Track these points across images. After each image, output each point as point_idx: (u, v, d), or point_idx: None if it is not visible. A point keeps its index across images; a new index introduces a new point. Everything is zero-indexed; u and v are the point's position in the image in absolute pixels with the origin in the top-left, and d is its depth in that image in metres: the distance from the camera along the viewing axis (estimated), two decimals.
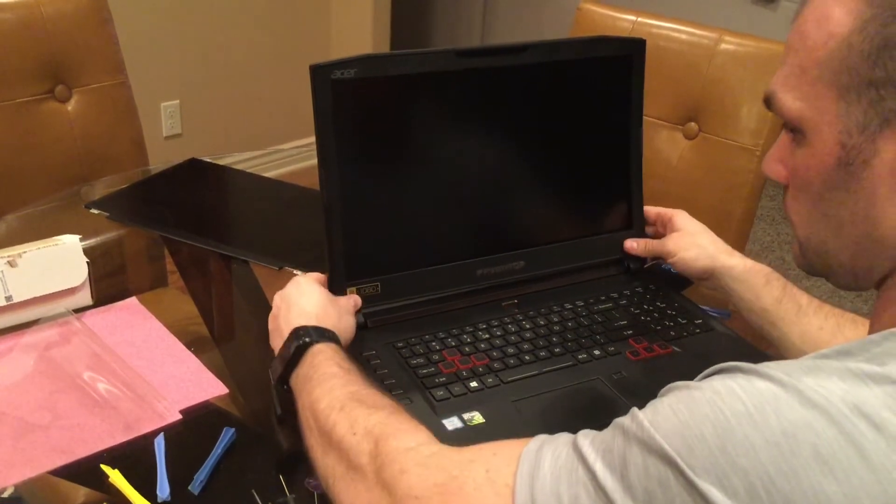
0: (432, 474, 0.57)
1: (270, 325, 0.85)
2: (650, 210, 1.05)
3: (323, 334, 0.79)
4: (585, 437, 0.52)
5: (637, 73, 1.03)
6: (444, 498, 0.55)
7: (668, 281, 1.09)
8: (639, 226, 1.08)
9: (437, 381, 0.85)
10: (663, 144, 1.47)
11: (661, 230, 1.05)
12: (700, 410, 0.47)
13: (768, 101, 0.58)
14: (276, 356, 0.80)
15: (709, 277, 0.97)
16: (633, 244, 1.05)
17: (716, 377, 0.49)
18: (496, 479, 0.54)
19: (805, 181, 0.58)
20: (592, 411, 0.85)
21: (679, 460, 0.46)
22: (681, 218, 1.01)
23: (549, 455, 0.53)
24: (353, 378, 0.72)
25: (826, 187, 0.56)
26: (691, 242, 0.97)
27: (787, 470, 0.43)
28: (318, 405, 0.69)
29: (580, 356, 0.91)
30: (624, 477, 0.48)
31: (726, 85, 1.43)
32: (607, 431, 0.51)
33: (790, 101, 0.56)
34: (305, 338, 0.78)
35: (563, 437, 0.54)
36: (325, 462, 0.66)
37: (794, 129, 0.57)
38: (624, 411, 0.84)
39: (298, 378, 0.76)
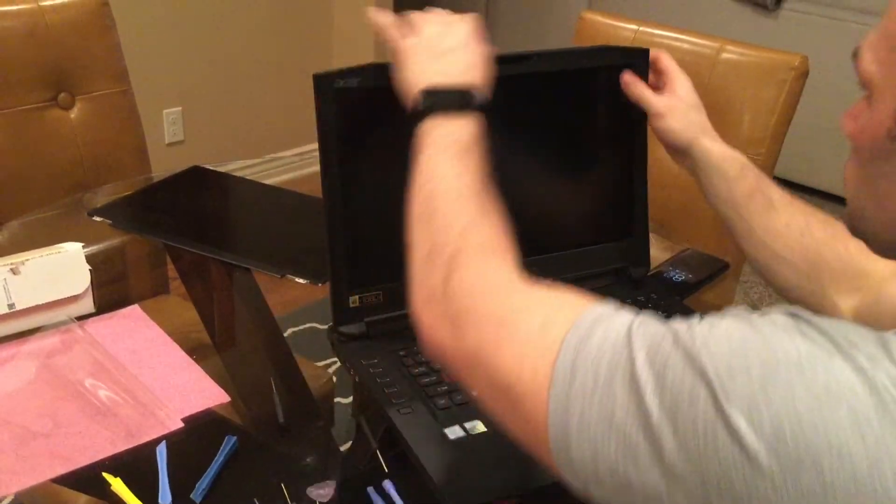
0: (496, 304, 0.59)
1: (427, 43, 0.79)
2: (662, 59, 0.99)
3: (476, 103, 0.76)
4: (640, 326, 0.52)
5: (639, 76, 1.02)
6: (498, 331, 0.57)
7: (670, 290, 1.09)
8: (640, 234, 1.08)
9: (439, 389, 0.85)
10: (664, 153, 1.48)
11: (659, 84, 1.00)
12: (753, 346, 0.47)
13: (855, 54, 0.58)
14: (433, 89, 0.75)
15: (684, 154, 0.95)
16: (630, 78, 0.98)
17: (780, 316, 0.49)
18: (547, 330, 0.55)
19: (860, 143, 0.58)
20: None
21: (716, 383, 0.46)
22: (682, 84, 0.97)
23: (601, 330, 0.53)
24: (482, 171, 0.71)
25: (873, 154, 0.57)
26: (683, 113, 0.95)
27: (818, 421, 0.44)
28: (443, 180, 0.70)
29: None
30: (659, 377, 0.48)
31: (728, 94, 1.43)
32: (661, 328, 0.51)
33: (867, 62, 0.56)
34: (472, 100, 0.75)
35: (622, 316, 0.54)
36: (414, 226, 0.68)
37: (866, 90, 0.58)
38: None
39: (440, 129, 0.73)
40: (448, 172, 0.70)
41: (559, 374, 0.52)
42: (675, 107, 0.95)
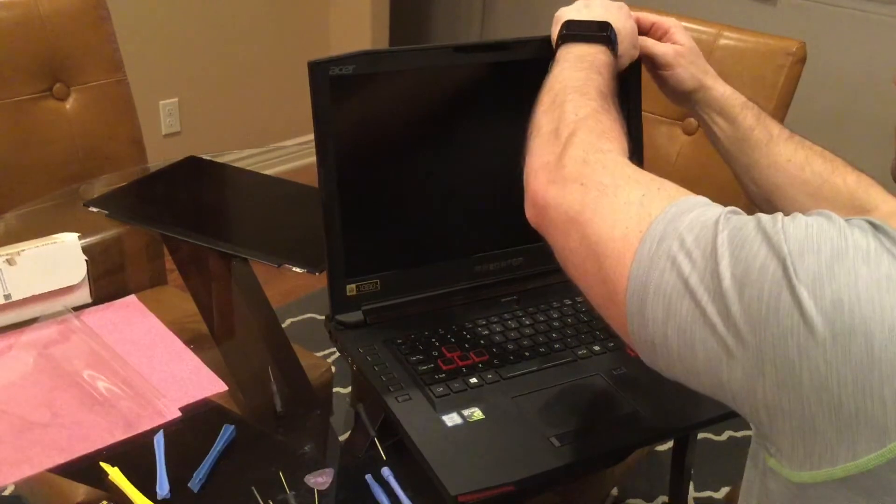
0: (603, 175, 0.65)
1: (577, 5, 0.91)
2: (645, 18, 0.98)
3: (616, 45, 0.86)
4: (732, 214, 0.56)
5: (634, 68, 1.02)
6: (600, 197, 0.63)
7: None
8: None
9: (436, 377, 0.85)
10: (662, 140, 1.47)
11: (655, 36, 0.98)
12: (828, 233, 0.51)
13: None
14: (576, 20, 0.87)
15: (689, 97, 0.95)
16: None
17: (860, 220, 0.52)
18: (645, 205, 0.60)
19: None
20: (592, 407, 0.85)
21: (788, 259, 0.50)
22: (678, 30, 0.97)
23: (696, 212, 0.57)
24: (608, 88, 0.80)
25: None
26: (690, 60, 0.95)
27: (876, 300, 0.48)
28: (571, 81, 0.78)
29: (580, 352, 0.91)
30: (735, 250, 0.53)
31: (726, 79, 1.42)
32: (749, 217, 0.55)
33: None
34: (607, 33, 0.86)
35: (719, 208, 0.58)
36: (540, 117, 0.76)
37: None
38: (624, 407, 0.84)
39: (575, 50, 0.84)
40: (577, 76, 0.79)
41: (648, 239, 0.57)
42: (682, 54, 0.95)
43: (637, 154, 1.05)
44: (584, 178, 0.65)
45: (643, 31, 0.98)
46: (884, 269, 0.49)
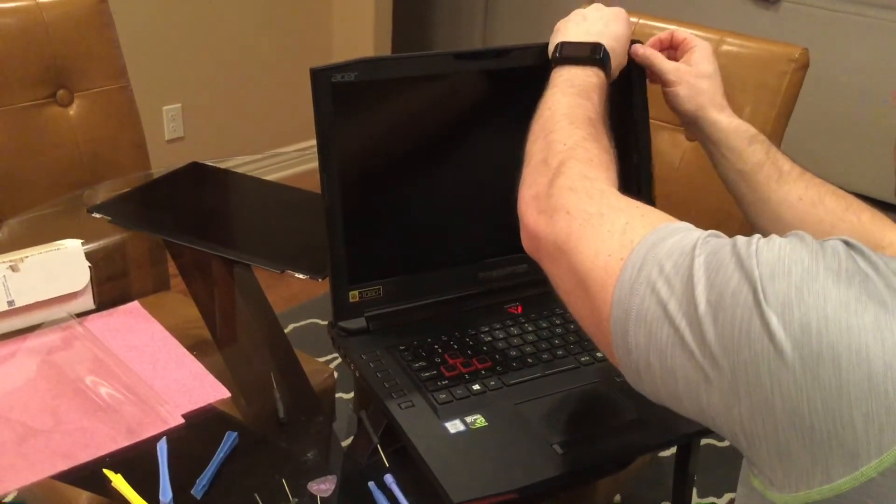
0: (589, 204, 0.66)
1: (575, 17, 0.92)
2: (677, 31, 0.97)
3: (607, 64, 0.87)
4: (709, 237, 0.57)
5: (638, 76, 1.02)
6: (585, 226, 0.64)
7: None
8: None
9: (439, 384, 0.85)
10: (665, 146, 1.47)
11: (675, 55, 0.97)
12: (799, 254, 0.51)
13: None
14: (568, 42, 0.88)
15: (691, 123, 0.94)
16: (638, 46, 0.97)
17: (835, 241, 0.52)
18: (628, 232, 0.61)
19: None
20: (595, 414, 0.85)
21: (759, 284, 0.51)
22: (699, 52, 0.94)
23: (676, 238, 0.58)
24: (597, 113, 0.81)
25: None
26: (693, 82, 0.92)
27: (843, 322, 0.48)
28: (561, 108, 0.80)
29: (582, 359, 0.91)
30: (711, 275, 0.54)
31: (728, 86, 1.41)
32: (725, 241, 0.56)
33: None
34: (599, 56, 0.86)
35: (697, 231, 0.59)
36: (531, 146, 0.78)
37: None
38: (627, 414, 0.84)
39: (566, 74, 0.85)
40: (567, 102, 0.80)
41: (629, 266, 0.58)
42: (684, 74, 0.93)
43: (645, 162, 1.05)
44: (570, 206, 0.67)
45: (668, 46, 0.97)
46: (854, 290, 0.49)
